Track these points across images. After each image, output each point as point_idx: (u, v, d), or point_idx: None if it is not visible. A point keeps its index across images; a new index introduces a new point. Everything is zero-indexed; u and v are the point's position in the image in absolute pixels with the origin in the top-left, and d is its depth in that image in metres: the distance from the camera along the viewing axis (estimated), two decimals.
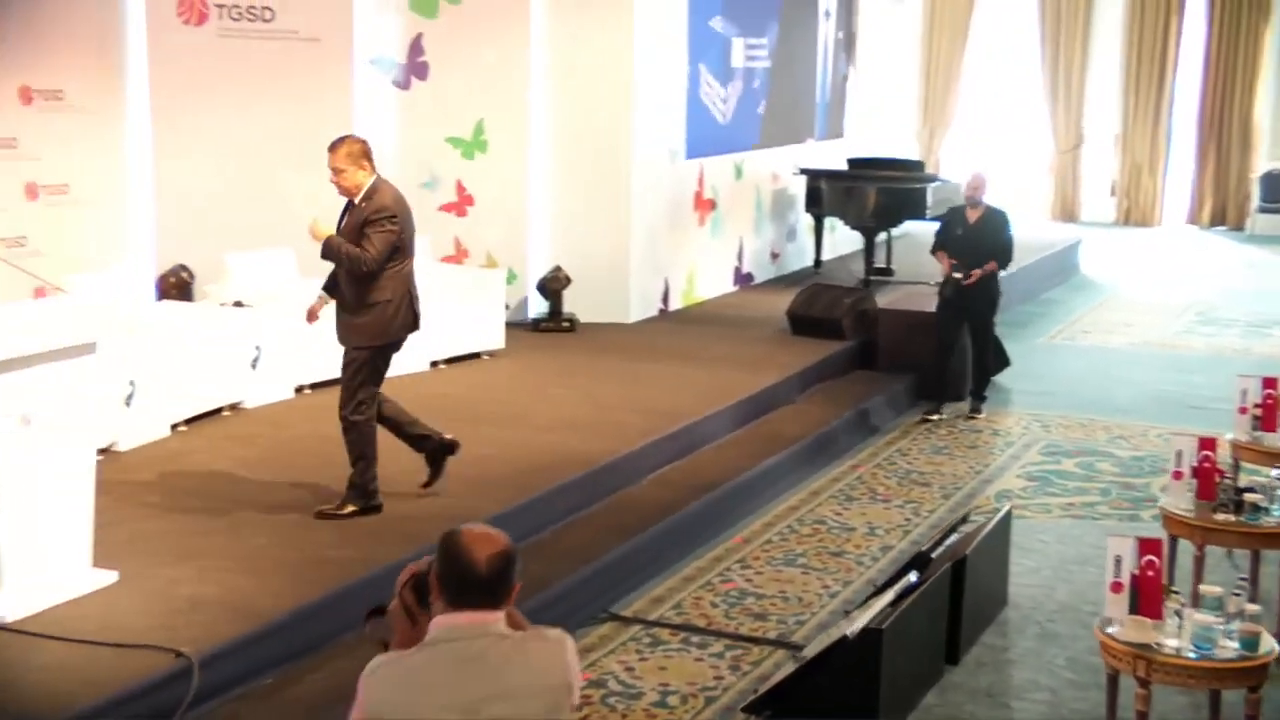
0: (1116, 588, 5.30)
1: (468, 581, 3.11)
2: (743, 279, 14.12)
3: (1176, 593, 5.38)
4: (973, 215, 10.30)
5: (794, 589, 7.27)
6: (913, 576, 6.17)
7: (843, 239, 15.35)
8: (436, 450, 7.34)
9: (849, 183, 14.09)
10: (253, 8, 11.22)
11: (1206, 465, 6.53)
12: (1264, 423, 7.44)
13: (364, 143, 6.99)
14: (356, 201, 6.93)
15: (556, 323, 11.54)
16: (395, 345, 7.18)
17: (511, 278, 11.63)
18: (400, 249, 6.95)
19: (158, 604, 5.86)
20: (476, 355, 10.44)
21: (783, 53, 14.71)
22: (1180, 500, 6.57)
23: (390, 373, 9.87)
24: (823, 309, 11.65)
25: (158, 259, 10.98)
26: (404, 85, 11.62)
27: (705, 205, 13.30)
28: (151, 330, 8.40)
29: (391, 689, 3.11)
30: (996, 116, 21.80)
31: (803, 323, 11.68)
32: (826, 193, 14.11)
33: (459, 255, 11.69)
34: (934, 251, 10.57)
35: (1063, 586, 7.38)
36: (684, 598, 7.13)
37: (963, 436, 10.19)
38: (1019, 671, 6.46)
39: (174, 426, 8.38)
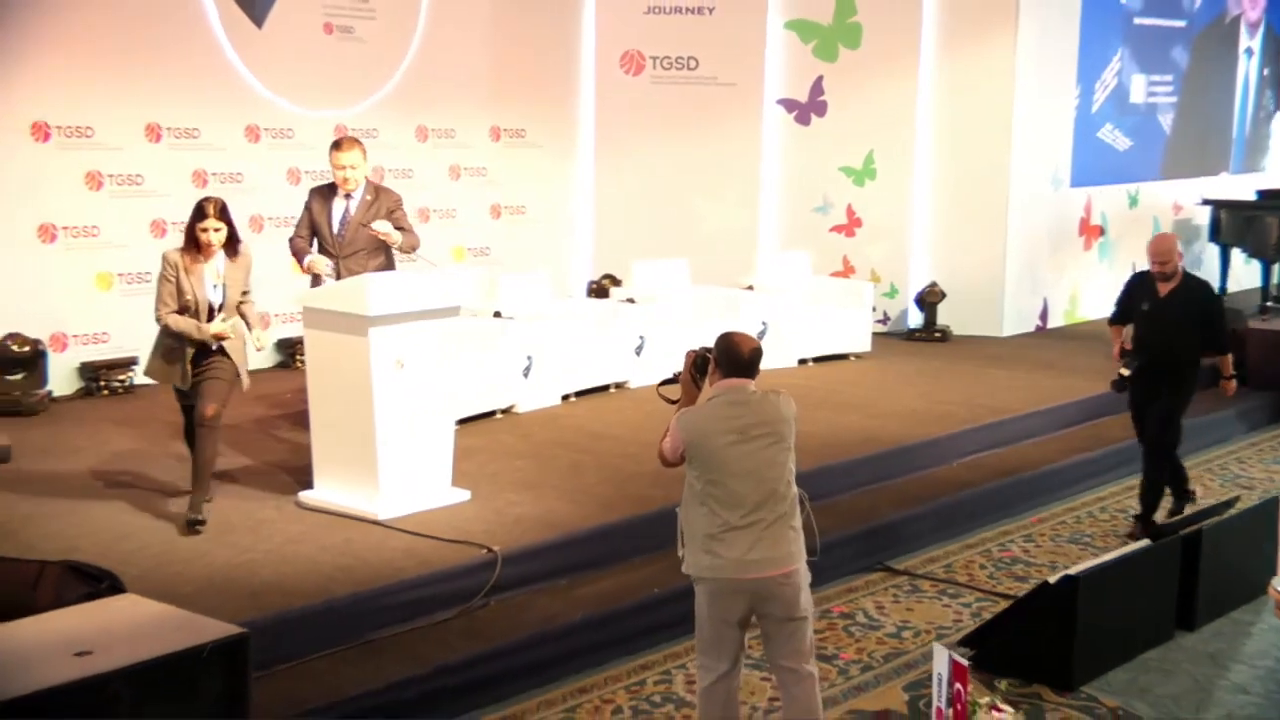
0: None
1: (736, 362, 4.81)
2: None
3: None
4: (1164, 288, 7.65)
5: (1065, 560, 7.42)
6: (1130, 546, 6.28)
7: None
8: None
9: (1250, 212, 13.60)
10: (680, 58, 12.43)
11: None
12: None
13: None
14: (356, 195, 7.37)
15: (929, 333, 11.94)
16: None
17: (893, 292, 12.16)
18: None
19: (491, 516, 6.92)
20: (844, 356, 11.03)
21: (1192, 88, 14.34)
22: None
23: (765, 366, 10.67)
24: None
25: (594, 267, 12.42)
26: (804, 122, 12.41)
27: (1093, 231, 13.24)
28: (551, 318, 9.57)
29: (695, 422, 4.79)
30: None
31: None
32: (1226, 222, 13.69)
33: (846, 271, 12.32)
34: (1112, 323, 8.10)
35: None
36: (957, 560, 7.47)
37: None
38: (1253, 643, 6.40)
39: (565, 397, 9.53)
